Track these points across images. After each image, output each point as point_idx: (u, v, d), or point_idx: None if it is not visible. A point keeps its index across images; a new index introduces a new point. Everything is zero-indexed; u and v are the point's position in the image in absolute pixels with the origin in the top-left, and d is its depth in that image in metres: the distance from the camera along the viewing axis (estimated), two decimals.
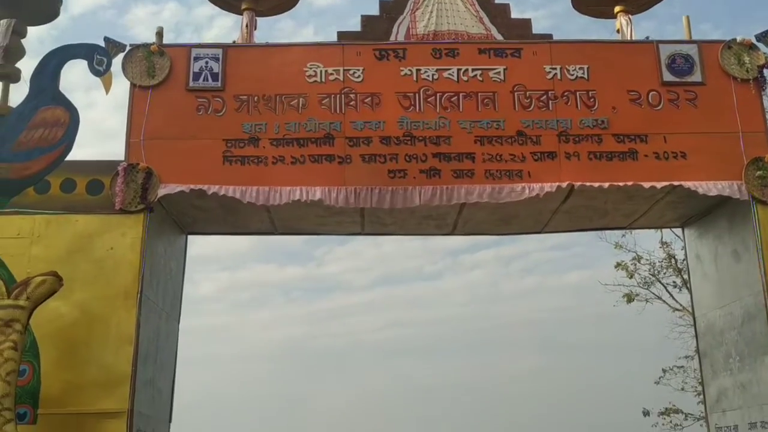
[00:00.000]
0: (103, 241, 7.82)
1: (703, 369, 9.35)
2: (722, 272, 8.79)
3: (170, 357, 8.86)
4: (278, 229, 9.34)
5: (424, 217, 8.95)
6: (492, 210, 8.72)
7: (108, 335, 7.54)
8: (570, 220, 9.24)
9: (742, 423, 8.29)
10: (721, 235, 8.84)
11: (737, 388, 8.41)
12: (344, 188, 7.94)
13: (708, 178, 8.12)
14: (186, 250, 9.50)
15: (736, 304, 8.41)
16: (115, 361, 7.46)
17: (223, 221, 9.06)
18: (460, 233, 9.61)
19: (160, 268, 8.42)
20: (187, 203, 8.36)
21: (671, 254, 20.37)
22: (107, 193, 7.95)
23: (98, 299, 7.63)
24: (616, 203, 8.67)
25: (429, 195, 7.91)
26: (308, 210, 8.39)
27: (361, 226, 9.26)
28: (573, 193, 8.20)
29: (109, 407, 7.34)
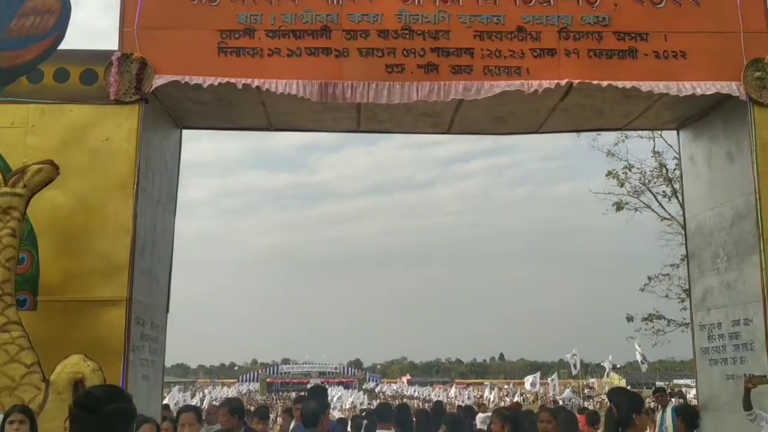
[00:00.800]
0: (99, 131, 7.79)
1: (691, 269, 9.54)
2: (715, 174, 8.87)
3: (167, 248, 8.97)
4: (273, 124, 9.30)
5: (420, 115, 8.92)
6: (488, 108, 8.69)
7: (105, 225, 7.61)
8: (567, 120, 9.23)
9: (725, 321, 8.52)
10: (715, 137, 8.88)
11: (723, 287, 8.61)
12: (341, 82, 7.87)
13: (707, 78, 8.09)
14: (181, 145, 9.49)
15: (727, 205, 8.53)
16: (113, 250, 7.56)
17: (217, 115, 9.01)
18: (456, 132, 9.61)
19: (156, 160, 8.42)
20: (182, 95, 8.29)
21: (662, 163, 20.57)
22: (101, 83, 7.87)
23: (94, 189, 7.67)
24: (614, 103, 8.65)
25: (426, 91, 7.85)
26: (304, 104, 8.33)
27: (357, 123, 9.22)
28: (571, 91, 8.16)
29: (108, 295, 7.47)
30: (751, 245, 8.00)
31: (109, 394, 2.70)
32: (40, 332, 7.14)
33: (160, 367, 8.70)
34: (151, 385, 8.23)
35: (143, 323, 7.96)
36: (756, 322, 7.87)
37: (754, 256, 7.93)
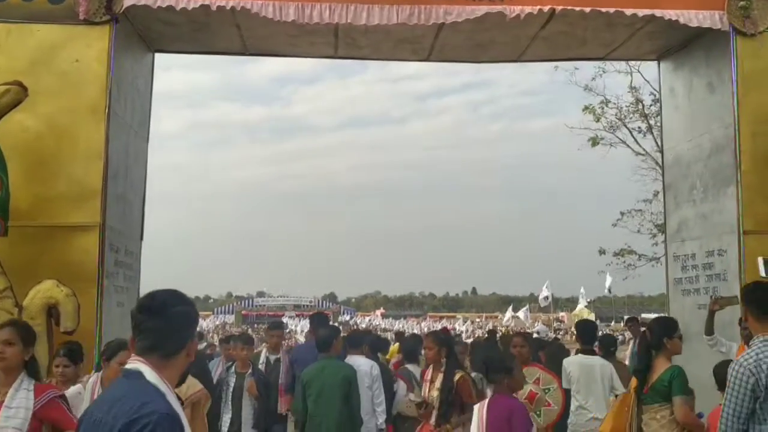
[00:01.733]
0: (68, 52, 7.53)
1: (666, 201, 9.59)
2: (695, 105, 8.82)
3: (140, 175, 8.81)
4: (248, 48, 9.06)
5: (399, 41, 8.73)
6: (469, 35, 8.52)
7: (77, 149, 7.43)
8: (548, 48, 9.09)
9: (699, 251, 8.60)
10: (696, 68, 8.81)
11: (698, 218, 8.67)
12: (318, 3, 7.63)
13: (690, 7, 7.96)
14: (153, 69, 9.23)
15: (706, 137, 8.51)
16: (85, 175, 7.39)
17: (191, 38, 8.75)
18: (436, 59, 9.44)
19: (128, 84, 8.19)
20: (154, 17, 8.01)
21: (639, 98, 20.52)
22: (70, 2, 7.56)
23: (64, 113, 7.45)
24: (596, 31, 8.51)
25: (407, 14, 7.64)
26: (280, 28, 8.09)
27: (335, 48, 9.01)
28: (554, 18, 8.00)
29: (81, 220, 7.34)
30: (728, 176, 8.02)
31: (175, 296, 2.63)
32: (12, 258, 7.03)
33: (134, 295, 8.61)
34: (125, 312, 8.14)
35: (117, 250, 7.85)
36: (730, 253, 7.95)
37: (731, 187, 7.96)
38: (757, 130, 7.88)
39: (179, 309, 2.59)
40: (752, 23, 7.96)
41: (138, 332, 2.57)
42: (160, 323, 2.54)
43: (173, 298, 2.62)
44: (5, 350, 4.18)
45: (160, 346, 2.53)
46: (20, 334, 4.28)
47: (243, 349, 7.67)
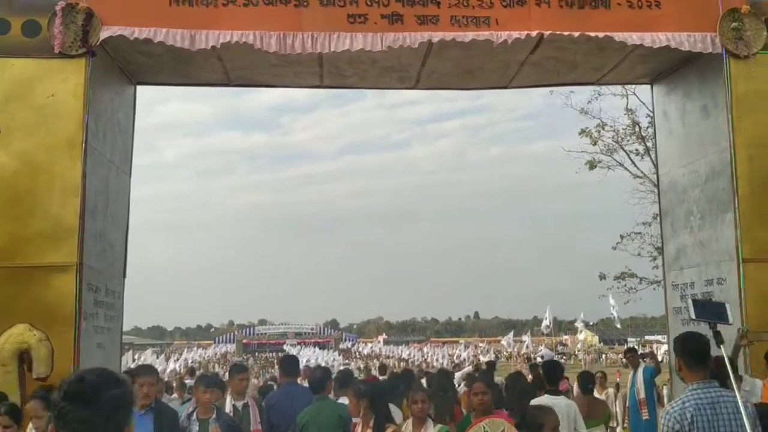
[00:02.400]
0: (43, 86, 7.34)
1: (664, 227, 9.35)
2: (689, 129, 8.61)
3: (122, 211, 8.57)
4: (232, 79, 8.88)
5: (385, 68, 8.54)
6: (457, 61, 8.34)
7: (53, 186, 7.20)
8: (537, 74, 8.91)
9: (698, 280, 8.34)
10: (690, 91, 8.61)
11: (696, 246, 8.42)
12: (301, 33, 7.46)
13: (681, 30, 7.79)
14: (135, 102, 9.04)
15: (701, 162, 8.29)
16: (62, 212, 7.16)
17: (173, 70, 8.57)
18: (424, 87, 9.25)
19: (107, 118, 7.98)
20: (133, 48, 7.84)
21: (635, 121, 20.41)
22: (45, 35, 7.39)
23: (40, 149, 7.24)
24: (586, 55, 8.33)
25: (391, 39, 7.46)
26: (263, 58, 7.92)
27: (320, 78, 8.82)
28: (542, 43, 7.82)
29: (58, 260, 7.10)
30: (726, 202, 7.79)
31: (107, 378, 2.22)
32: None
33: (117, 335, 8.36)
34: (107, 353, 7.89)
35: (96, 289, 7.60)
36: (730, 281, 7.69)
37: (729, 213, 7.72)
38: (754, 153, 7.66)
39: (113, 393, 2.19)
40: (745, 45, 7.77)
41: (63, 424, 2.15)
42: (91, 413, 2.14)
43: (105, 380, 2.22)
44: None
45: None
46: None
47: (206, 392, 6.64)
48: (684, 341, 4.31)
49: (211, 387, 6.69)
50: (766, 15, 7.90)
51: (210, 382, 6.86)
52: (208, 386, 6.63)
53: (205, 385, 6.61)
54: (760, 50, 7.79)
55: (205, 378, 7.25)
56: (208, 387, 6.60)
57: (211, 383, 6.83)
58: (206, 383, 6.71)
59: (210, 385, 6.72)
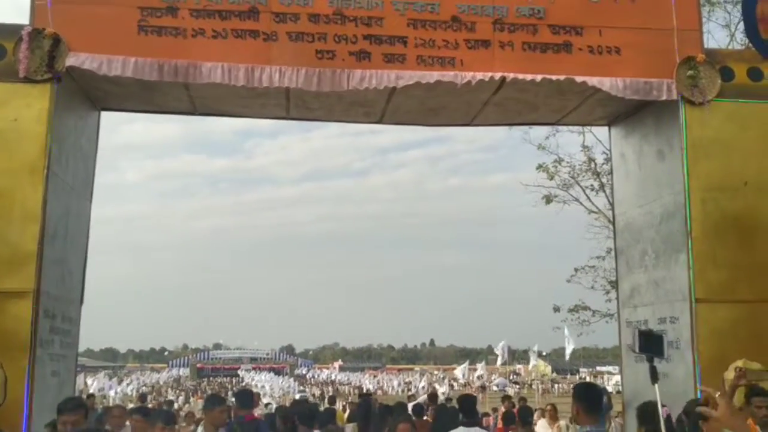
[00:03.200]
0: (6, 111, 7.28)
1: (619, 266, 9.55)
2: (645, 171, 8.86)
3: (81, 237, 8.49)
4: (198, 109, 8.89)
5: (351, 103, 8.64)
6: (421, 100, 8.48)
7: (12, 211, 7.12)
8: (499, 113, 9.09)
9: (652, 318, 8.53)
10: (647, 135, 8.86)
11: (650, 285, 8.62)
12: (269, 67, 7.53)
13: (639, 75, 8.04)
14: (99, 128, 8.99)
15: (657, 203, 8.52)
16: (20, 239, 7.08)
17: (138, 98, 8.55)
18: (389, 122, 9.36)
19: (70, 144, 7.93)
20: (99, 76, 7.78)
21: (591, 158, 20.87)
22: (10, 60, 7.35)
23: (1, 173, 7.16)
24: (547, 97, 8.53)
25: (358, 79, 7.58)
26: (230, 90, 7.94)
27: (287, 110, 8.88)
28: (505, 85, 8.00)
29: (14, 287, 7.00)
30: (680, 243, 8.00)
31: None
32: None
33: (72, 362, 8.24)
34: (62, 381, 7.78)
35: (53, 316, 7.50)
36: (682, 320, 7.88)
37: (682, 254, 7.94)
38: (707, 197, 7.90)
39: None
40: (700, 92, 8.04)
41: None
42: None
43: None
44: None
45: None
46: None
47: (164, 429, 6.01)
48: (585, 389, 4.87)
49: (170, 424, 6.24)
50: (720, 64, 8.19)
51: (168, 419, 6.39)
52: (167, 423, 6.21)
53: (164, 422, 6.18)
54: (714, 98, 8.06)
55: (165, 414, 6.81)
56: (167, 424, 6.18)
57: (169, 420, 6.37)
58: (165, 419, 6.27)
59: (169, 422, 6.27)
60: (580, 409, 4.68)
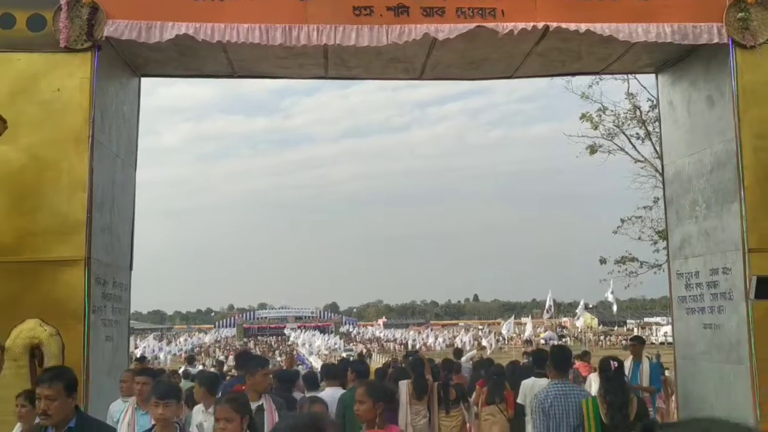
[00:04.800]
0: (49, 81, 7.32)
1: (668, 216, 9.36)
2: (694, 119, 8.61)
3: (128, 204, 8.59)
4: (237, 71, 8.85)
5: (390, 60, 8.52)
6: (462, 53, 8.33)
7: (60, 181, 7.21)
8: (542, 64, 8.89)
9: (703, 269, 8.37)
10: (695, 81, 8.60)
11: (701, 235, 8.44)
12: (306, 26, 7.43)
13: (687, 20, 7.75)
14: (140, 94, 9.03)
15: (707, 151, 8.29)
16: (69, 207, 7.17)
17: (177, 62, 8.54)
18: (428, 77, 9.22)
19: (113, 112, 7.98)
20: (138, 42, 7.78)
21: (636, 105, 20.36)
22: (50, 30, 7.36)
23: (47, 143, 7.23)
24: (591, 46, 8.30)
25: (397, 34, 7.44)
26: (268, 50, 7.90)
27: (325, 69, 8.80)
28: (547, 35, 7.80)
29: (66, 255, 7.11)
30: (731, 192, 7.80)
31: None
32: None
33: (124, 327, 8.40)
34: (115, 346, 7.95)
35: (104, 283, 7.63)
36: (735, 271, 7.72)
37: (734, 203, 7.74)
38: (759, 145, 7.66)
39: None
40: (752, 35, 7.75)
41: None
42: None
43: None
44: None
45: None
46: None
47: (158, 405, 4.80)
48: (558, 351, 6.16)
49: (166, 399, 4.89)
50: None
51: (164, 393, 4.97)
52: (162, 398, 4.89)
53: (158, 397, 4.90)
54: (766, 40, 7.77)
55: (159, 386, 5.26)
56: (162, 399, 4.88)
57: (165, 394, 4.95)
58: (159, 394, 4.95)
59: (164, 396, 4.91)
60: (553, 367, 5.95)
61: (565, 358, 5.85)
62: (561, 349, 6.20)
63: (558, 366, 5.82)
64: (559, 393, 5.60)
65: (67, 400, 4.17)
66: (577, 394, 5.65)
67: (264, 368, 5.94)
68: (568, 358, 5.87)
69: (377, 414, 4.35)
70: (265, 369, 5.97)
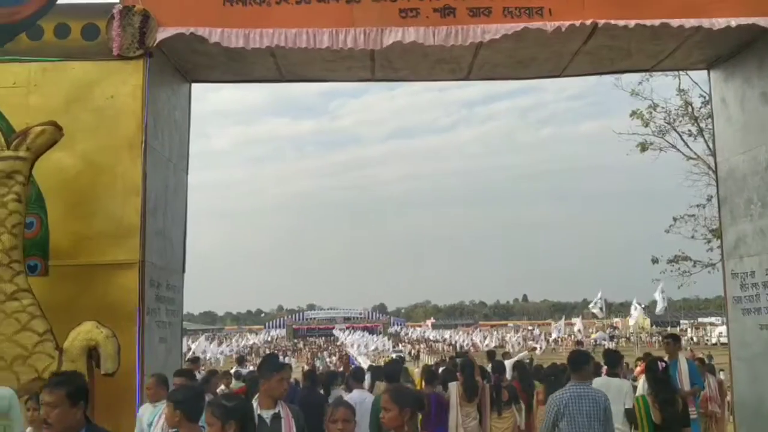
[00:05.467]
0: (103, 89, 7.51)
1: (722, 215, 9.17)
2: (748, 116, 8.42)
3: (180, 208, 8.74)
4: (285, 75, 8.94)
5: (437, 61, 8.52)
6: (509, 53, 8.28)
7: (114, 186, 7.38)
8: (591, 62, 8.78)
9: (759, 269, 8.18)
10: (749, 78, 8.41)
11: (757, 234, 8.25)
12: (353, 29, 7.48)
13: (739, 14, 7.59)
14: (190, 100, 9.19)
15: (762, 149, 8.11)
16: (124, 212, 7.34)
17: (226, 68, 8.67)
18: (476, 78, 9.19)
19: (165, 117, 8.13)
20: (188, 48, 7.96)
21: (688, 101, 19.94)
22: (103, 38, 7.55)
23: (101, 150, 7.41)
24: (641, 43, 8.17)
25: (443, 35, 7.44)
26: (316, 54, 7.96)
27: (372, 72, 8.84)
28: (596, 32, 7.71)
29: (121, 258, 7.28)
30: None
31: None
32: (53, 298, 6.96)
33: (177, 328, 8.55)
34: (169, 347, 8.09)
35: (158, 285, 7.78)
36: None
37: None
38: None
39: None
40: None
41: None
42: None
43: None
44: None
45: None
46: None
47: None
48: (577, 355, 6.41)
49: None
50: None
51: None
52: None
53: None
54: None
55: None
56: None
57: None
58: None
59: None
60: (570, 368, 6.33)
61: (583, 362, 6.20)
62: (579, 354, 6.53)
63: (576, 369, 6.16)
64: (574, 394, 5.99)
65: (70, 410, 3.69)
66: (593, 396, 6.01)
67: (280, 372, 5.20)
68: (586, 361, 6.18)
69: (404, 421, 3.98)
70: (282, 373, 5.23)
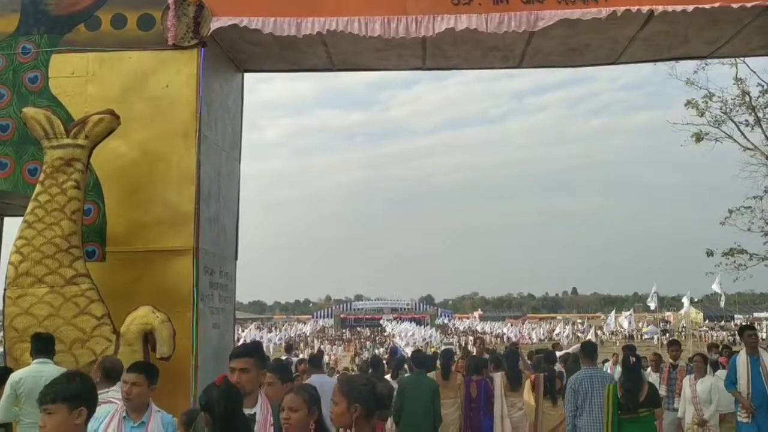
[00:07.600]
0: (158, 78, 7.63)
1: None
2: None
3: (233, 196, 8.84)
4: (336, 64, 8.96)
5: (489, 49, 8.45)
6: (563, 40, 8.17)
7: (169, 174, 7.49)
8: (647, 49, 8.61)
9: None
10: None
11: None
12: (405, 17, 7.46)
13: None
14: (243, 89, 9.28)
15: None
16: (179, 199, 7.45)
17: (279, 57, 8.72)
18: (528, 65, 9.08)
19: (218, 106, 8.23)
20: (241, 38, 8.03)
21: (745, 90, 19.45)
22: (159, 29, 7.67)
23: (157, 138, 7.53)
24: (699, 28, 7.99)
25: (496, 22, 7.37)
26: (367, 42, 7.96)
27: (423, 60, 8.81)
28: (653, 18, 7.55)
29: (176, 245, 7.39)
30: None
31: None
32: (109, 283, 7.11)
33: (230, 315, 8.67)
34: (222, 333, 8.20)
35: (212, 272, 7.88)
36: None
37: None
38: None
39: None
40: None
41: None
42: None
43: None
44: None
45: None
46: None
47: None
48: (587, 344, 8.45)
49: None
50: None
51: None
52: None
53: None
54: None
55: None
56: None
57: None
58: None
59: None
60: (582, 356, 8.01)
61: (593, 350, 8.05)
62: (589, 344, 8.55)
63: (587, 356, 7.89)
64: (586, 377, 7.52)
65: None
66: (602, 378, 7.56)
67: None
68: (595, 349, 8.08)
69: (352, 419, 3.41)
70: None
